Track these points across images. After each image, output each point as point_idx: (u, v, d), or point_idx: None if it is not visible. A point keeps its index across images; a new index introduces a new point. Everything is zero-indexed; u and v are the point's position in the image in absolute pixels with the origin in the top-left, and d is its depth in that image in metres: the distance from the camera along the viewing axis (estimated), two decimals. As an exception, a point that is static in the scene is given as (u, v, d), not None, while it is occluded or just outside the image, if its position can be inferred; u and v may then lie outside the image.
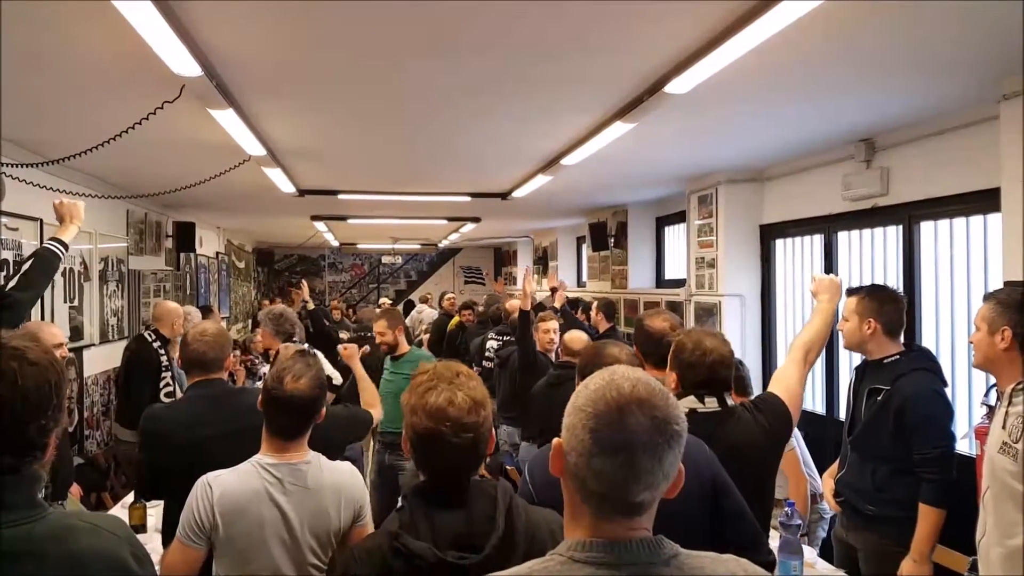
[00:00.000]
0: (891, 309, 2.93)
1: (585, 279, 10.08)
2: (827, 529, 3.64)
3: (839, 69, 3.18)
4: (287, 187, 6.08)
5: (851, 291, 3.07)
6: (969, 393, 3.91)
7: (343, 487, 2.13)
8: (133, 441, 4.85)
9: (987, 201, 3.65)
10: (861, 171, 4.58)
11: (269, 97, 3.56)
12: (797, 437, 3.49)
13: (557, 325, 5.43)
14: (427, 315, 10.83)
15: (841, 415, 4.75)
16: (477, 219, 9.30)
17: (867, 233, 4.82)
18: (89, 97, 3.49)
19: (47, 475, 1.29)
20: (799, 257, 5.56)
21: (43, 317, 4.70)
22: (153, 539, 3.10)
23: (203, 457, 2.19)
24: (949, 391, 2.96)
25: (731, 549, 1.25)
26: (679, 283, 7.08)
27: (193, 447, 2.45)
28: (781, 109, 3.88)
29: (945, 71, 3.21)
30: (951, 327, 4.12)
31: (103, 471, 5.09)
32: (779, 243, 5.80)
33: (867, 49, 2.93)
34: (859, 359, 3.15)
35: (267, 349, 4.59)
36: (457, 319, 8.60)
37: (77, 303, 5.35)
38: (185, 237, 7.76)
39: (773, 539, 2.78)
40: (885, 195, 4.44)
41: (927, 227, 4.31)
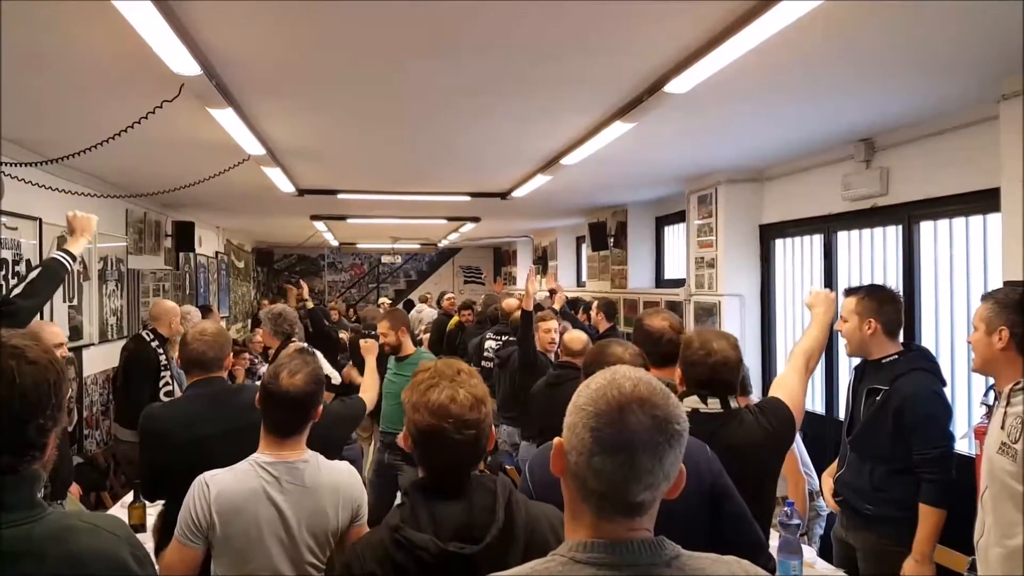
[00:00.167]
0: (890, 309, 2.93)
1: (585, 279, 10.09)
2: (824, 526, 3.64)
3: (839, 69, 3.18)
4: (286, 186, 6.07)
5: (849, 291, 3.07)
6: (968, 393, 3.91)
7: (341, 486, 2.13)
8: (132, 441, 4.86)
9: (987, 201, 3.65)
10: (861, 171, 4.58)
11: (268, 97, 3.56)
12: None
13: (557, 325, 5.43)
14: (427, 315, 10.83)
15: (840, 415, 4.76)
16: (477, 219, 9.30)
17: (867, 233, 4.82)
18: (88, 96, 3.49)
19: (47, 475, 1.29)
20: (799, 257, 5.56)
21: (42, 316, 4.70)
22: (153, 539, 3.10)
23: (203, 456, 2.19)
24: (949, 391, 2.95)
25: (732, 553, 1.25)
26: (679, 283, 7.08)
27: (193, 446, 2.45)
28: (781, 109, 3.88)
29: (945, 71, 3.21)
30: (951, 327, 4.12)
31: (102, 471, 5.09)
32: (779, 243, 5.80)
33: (867, 49, 2.93)
34: (858, 359, 3.15)
35: (266, 348, 4.59)
36: (457, 319, 8.59)
37: (76, 303, 5.34)
38: (184, 237, 7.76)
39: (772, 538, 2.78)
40: (885, 195, 4.44)
41: (927, 227, 4.31)
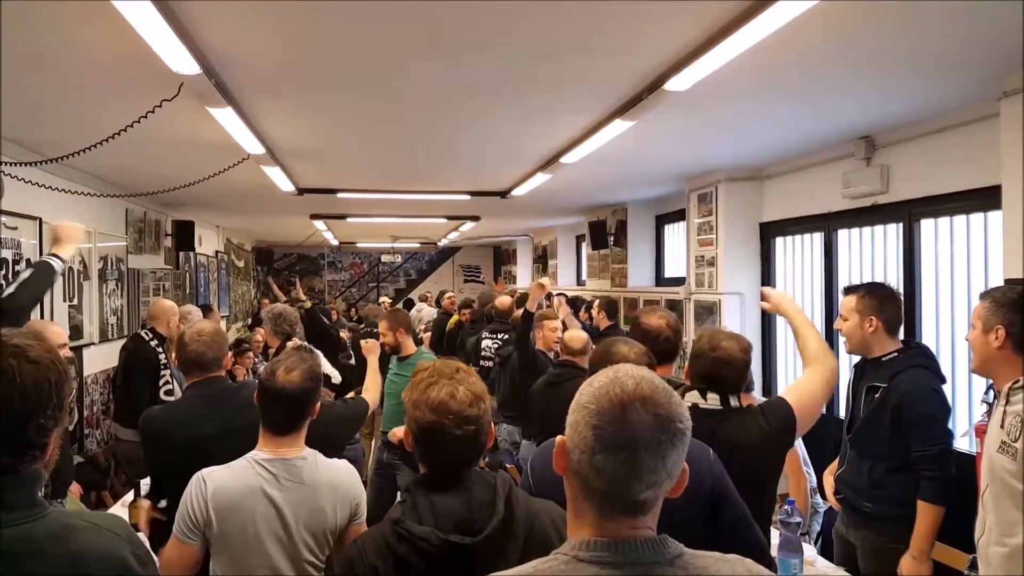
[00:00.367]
0: (891, 306, 2.93)
1: (585, 278, 10.08)
2: (821, 523, 3.64)
3: (839, 67, 3.18)
4: (286, 185, 6.07)
5: (849, 289, 3.07)
6: (969, 391, 3.91)
7: (339, 484, 2.13)
8: (133, 440, 4.86)
9: (987, 199, 3.65)
10: (861, 169, 4.58)
11: (268, 96, 3.55)
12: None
13: (560, 323, 5.43)
14: (426, 314, 10.82)
15: (841, 413, 4.76)
16: (476, 218, 9.29)
17: (867, 231, 4.81)
18: (88, 96, 3.49)
19: (48, 474, 1.29)
20: (799, 255, 5.56)
21: (42, 316, 4.70)
22: (146, 532, 3.10)
23: (205, 456, 2.19)
24: (949, 389, 2.95)
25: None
26: (679, 281, 7.08)
27: (194, 447, 2.45)
28: (780, 107, 3.87)
29: (945, 69, 3.20)
30: (951, 325, 4.12)
31: (103, 470, 5.09)
32: (779, 241, 5.80)
33: (867, 47, 2.93)
34: (858, 357, 3.15)
35: (266, 347, 4.60)
36: (456, 318, 8.58)
37: (76, 302, 5.34)
38: (184, 236, 7.76)
39: (772, 536, 2.78)
40: (885, 193, 4.44)
41: (927, 225, 4.31)
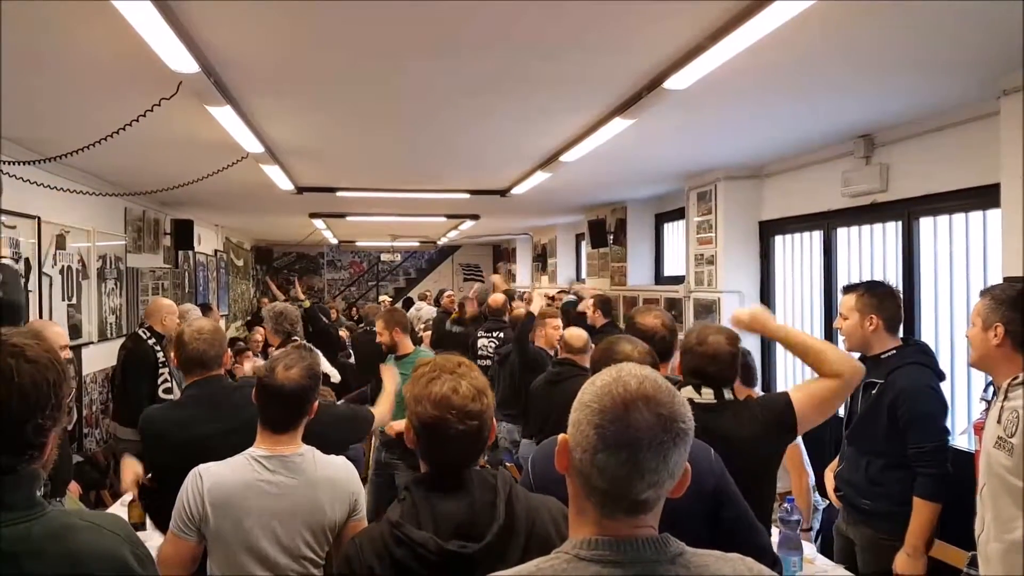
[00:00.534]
0: (891, 304, 2.92)
1: (584, 276, 10.08)
2: (820, 520, 3.64)
3: (838, 66, 3.18)
4: (285, 184, 6.06)
5: (848, 288, 3.06)
6: (968, 388, 3.91)
7: (337, 480, 2.13)
8: (132, 439, 4.85)
9: (986, 197, 3.64)
10: (860, 167, 4.58)
11: (267, 95, 3.55)
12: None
13: (560, 322, 5.42)
14: (426, 313, 10.82)
15: (840, 411, 4.76)
16: (476, 216, 9.29)
17: (866, 229, 4.81)
18: (86, 94, 3.48)
19: (47, 474, 1.29)
20: (798, 253, 5.55)
21: (41, 315, 4.70)
22: (153, 537, 3.10)
23: (204, 456, 2.17)
24: (948, 386, 2.95)
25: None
26: (678, 280, 7.08)
27: (194, 447, 2.43)
28: (780, 106, 3.87)
29: (945, 67, 3.20)
30: (950, 323, 4.11)
31: (102, 469, 5.09)
32: (778, 239, 5.80)
33: (866, 46, 2.92)
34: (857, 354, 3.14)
35: (266, 346, 4.60)
36: (456, 316, 8.56)
37: (75, 301, 5.34)
38: (183, 235, 7.75)
39: (772, 535, 2.78)
40: (884, 191, 4.44)
41: (926, 223, 4.31)
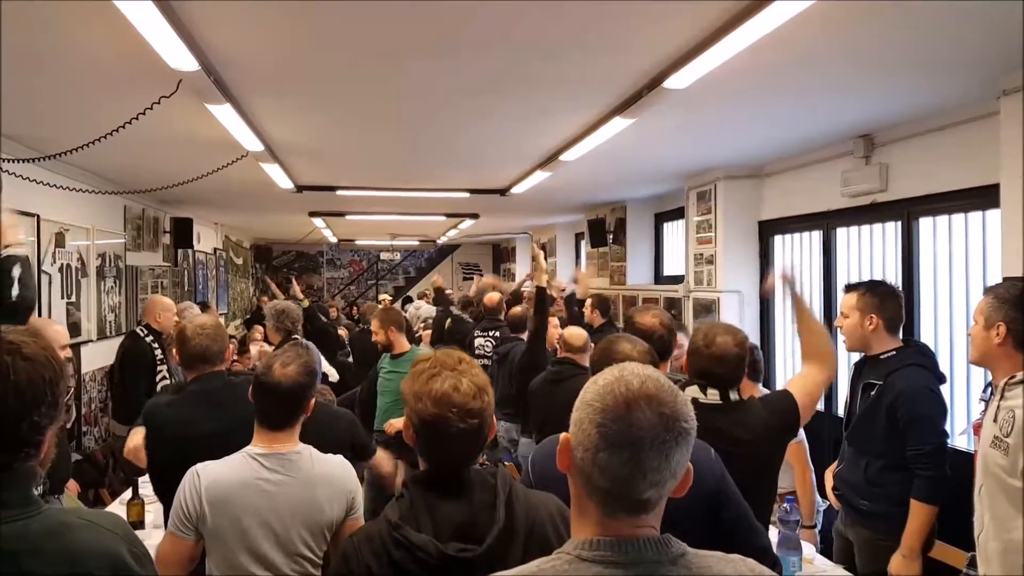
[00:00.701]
0: (892, 304, 2.91)
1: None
2: (821, 522, 3.64)
3: (838, 66, 3.17)
4: (285, 183, 6.06)
5: (850, 287, 3.06)
6: (968, 388, 3.91)
7: (334, 479, 2.12)
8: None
9: (986, 197, 3.64)
10: (860, 167, 4.58)
11: (267, 93, 3.55)
12: (800, 430, 3.47)
13: (557, 320, 5.41)
14: (425, 311, 10.82)
15: (839, 411, 4.76)
16: (476, 215, 9.29)
17: (866, 229, 4.81)
18: (86, 92, 3.48)
19: (44, 472, 1.28)
20: (798, 253, 5.55)
21: (40, 314, 4.69)
22: (151, 535, 3.10)
23: (210, 451, 2.17)
24: (948, 387, 2.94)
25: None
26: (678, 279, 7.08)
27: (195, 444, 2.43)
28: (780, 105, 3.87)
29: (945, 67, 3.20)
30: (950, 323, 4.12)
31: (101, 467, 5.09)
32: (778, 239, 5.80)
33: (866, 45, 2.92)
34: (857, 354, 3.14)
35: (271, 343, 4.61)
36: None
37: (74, 299, 5.33)
38: (183, 233, 7.75)
39: (771, 534, 2.78)
40: (884, 191, 4.44)
41: (926, 223, 4.31)
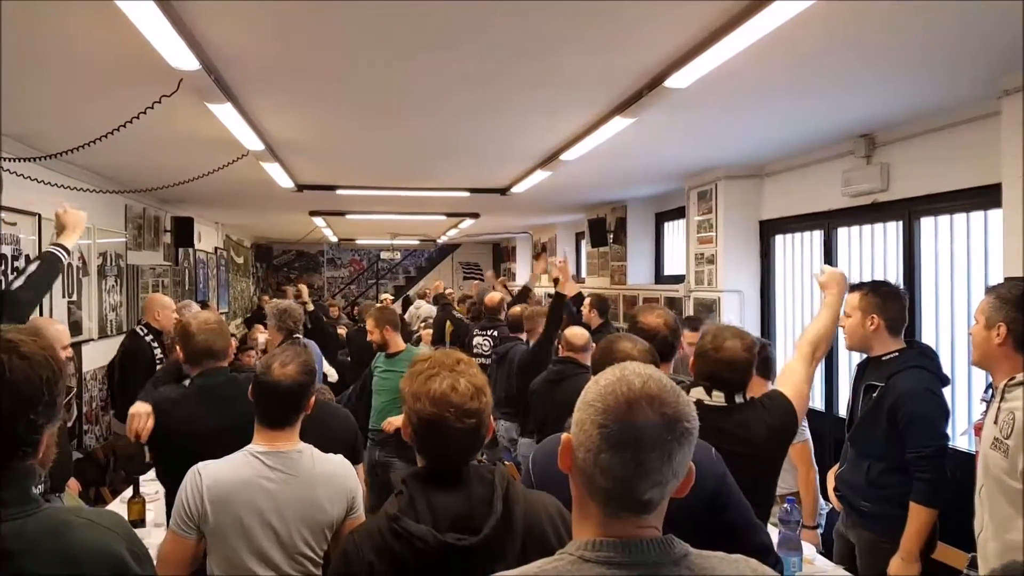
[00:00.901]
0: (894, 305, 2.91)
1: (584, 275, 10.08)
2: (824, 524, 3.63)
3: (839, 65, 3.17)
4: (285, 182, 6.06)
5: (853, 287, 3.05)
6: (969, 389, 3.91)
7: (335, 477, 2.13)
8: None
9: (988, 197, 3.64)
10: (861, 167, 4.57)
11: (268, 92, 3.55)
12: (806, 430, 3.45)
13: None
14: (424, 311, 10.82)
15: (840, 411, 4.76)
16: (476, 215, 9.29)
17: (867, 229, 4.81)
18: (87, 92, 3.47)
19: (46, 472, 1.28)
20: (799, 253, 5.55)
21: (42, 312, 4.69)
22: (152, 534, 3.10)
23: (207, 450, 2.17)
24: (949, 387, 2.93)
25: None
26: (678, 279, 7.07)
27: (198, 440, 2.44)
28: (781, 105, 3.87)
29: (946, 67, 3.20)
30: (951, 323, 4.11)
31: (102, 466, 5.08)
32: (779, 239, 5.79)
33: (867, 45, 2.92)
34: (860, 355, 3.14)
35: (271, 343, 4.61)
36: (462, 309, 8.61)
37: (76, 298, 5.33)
38: (183, 232, 7.76)
39: (772, 534, 2.78)
40: (885, 191, 4.43)
41: (927, 223, 4.30)
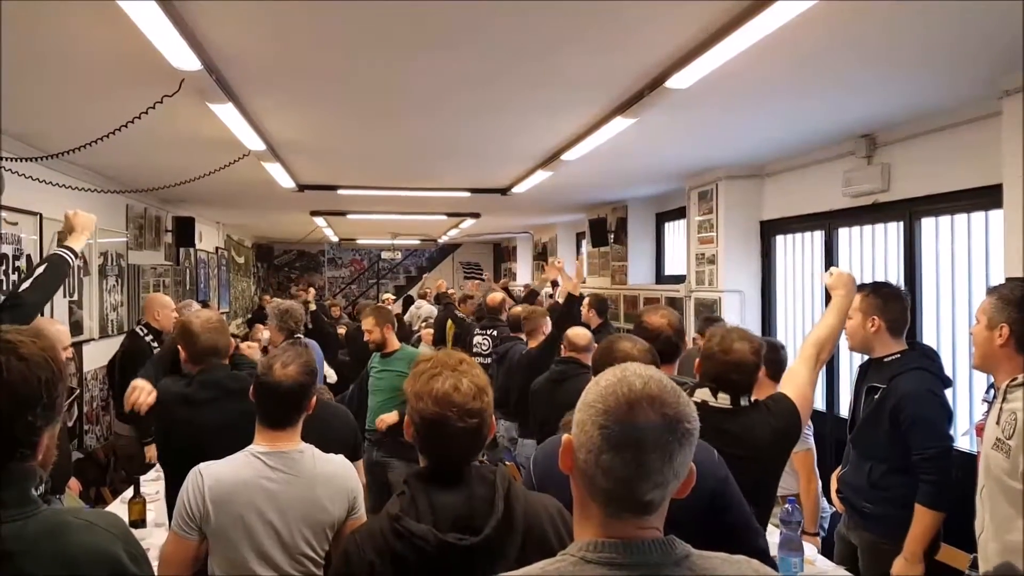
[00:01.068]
0: (895, 307, 2.90)
1: (585, 275, 10.08)
2: (826, 527, 3.62)
3: (840, 65, 3.17)
4: (286, 182, 6.06)
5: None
6: (970, 390, 3.90)
7: (336, 478, 2.13)
8: (132, 436, 4.87)
9: (988, 197, 3.64)
10: (862, 167, 4.57)
11: (268, 92, 3.55)
12: (810, 438, 3.40)
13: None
14: (425, 311, 10.82)
15: (842, 412, 4.76)
16: (477, 215, 9.29)
17: (868, 229, 4.81)
18: (89, 92, 3.48)
19: (46, 473, 1.28)
20: (799, 253, 5.55)
21: (43, 312, 4.69)
22: (153, 534, 3.11)
23: (221, 442, 2.18)
24: (950, 389, 2.93)
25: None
26: (679, 279, 7.07)
27: (207, 436, 2.45)
28: (782, 105, 3.87)
29: (947, 67, 3.20)
30: (952, 324, 4.11)
31: (102, 466, 5.09)
32: (779, 239, 5.79)
33: (869, 45, 2.92)
34: (861, 356, 3.13)
35: (272, 343, 4.62)
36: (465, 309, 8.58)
37: (77, 298, 5.34)
38: (184, 232, 7.76)
39: (773, 535, 2.77)
40: (886, 191, 4.43)
41: (928, 223, 4.30)
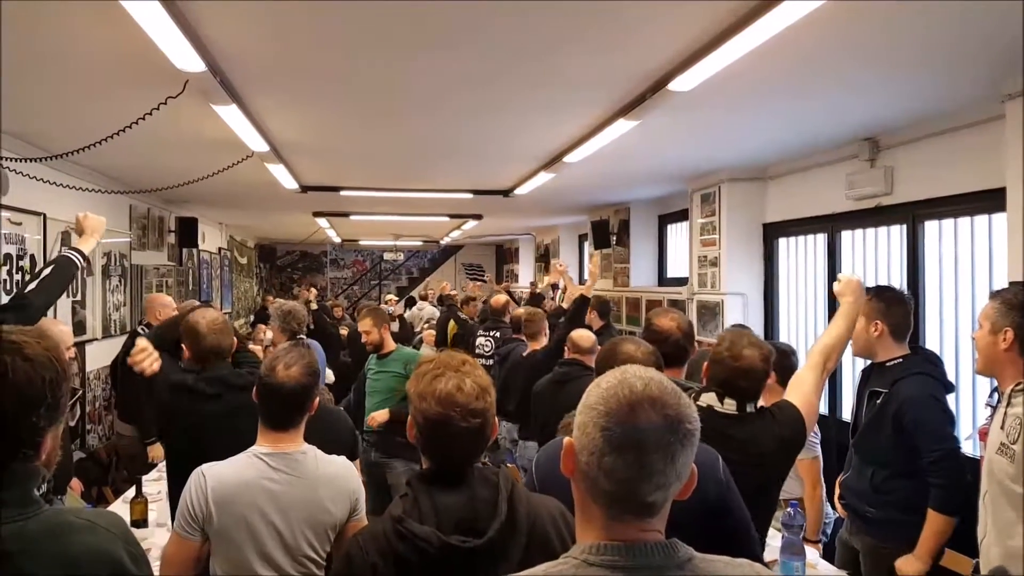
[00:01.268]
0: (898, 311, 2.89)
1: (587, 277, 10.07)
2: (830, 533, 3.61)
3: (843, 68, 3.17)
4: (289, 183, 6.07)
5: None
6: (973, 394, 3.90)
7: (338, 479, 2.14)
8: (133, 436, 4.90)
9: (992, 200, 3.63)
10: (865, 170, 4.56)
11: (272, 93, 3.55)
12: (816, 446, 3.36)
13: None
14: (427, 312, 10.82)
15: (844, 416, 4.75)
16: (479, 216, 9.29)
17: (871, 232, 4.80)
18: (92, 92, 3.48)
19: (50, 473, 1.28)
20: (802, 256, 5.54)
21: (46, 312, 4.70)
22: (155, 534, 3.11)
23: (209, 448, 2.18)
24: (952, 394, 2.92)
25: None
26: (681, 281, 7.07)
27: (209, 435, 2.45)
28: (785, 107, 3.86)
29: (950, 70, 3.19)
30: (955, 327, 4.10)
31: (104, 466, 5.09)
32: (782, 242, 5.79)
33: (871, 48, 2.91)
34: (863, 360, 3.13)
35: (274, 344, 4.63)
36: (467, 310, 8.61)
37: (80, 297, 5.35)
38: (187, 233, 7.78)
39: (775, 539, 2.77)
40: (889, 194, 4.43)
41: (931, 226, 4.29)
